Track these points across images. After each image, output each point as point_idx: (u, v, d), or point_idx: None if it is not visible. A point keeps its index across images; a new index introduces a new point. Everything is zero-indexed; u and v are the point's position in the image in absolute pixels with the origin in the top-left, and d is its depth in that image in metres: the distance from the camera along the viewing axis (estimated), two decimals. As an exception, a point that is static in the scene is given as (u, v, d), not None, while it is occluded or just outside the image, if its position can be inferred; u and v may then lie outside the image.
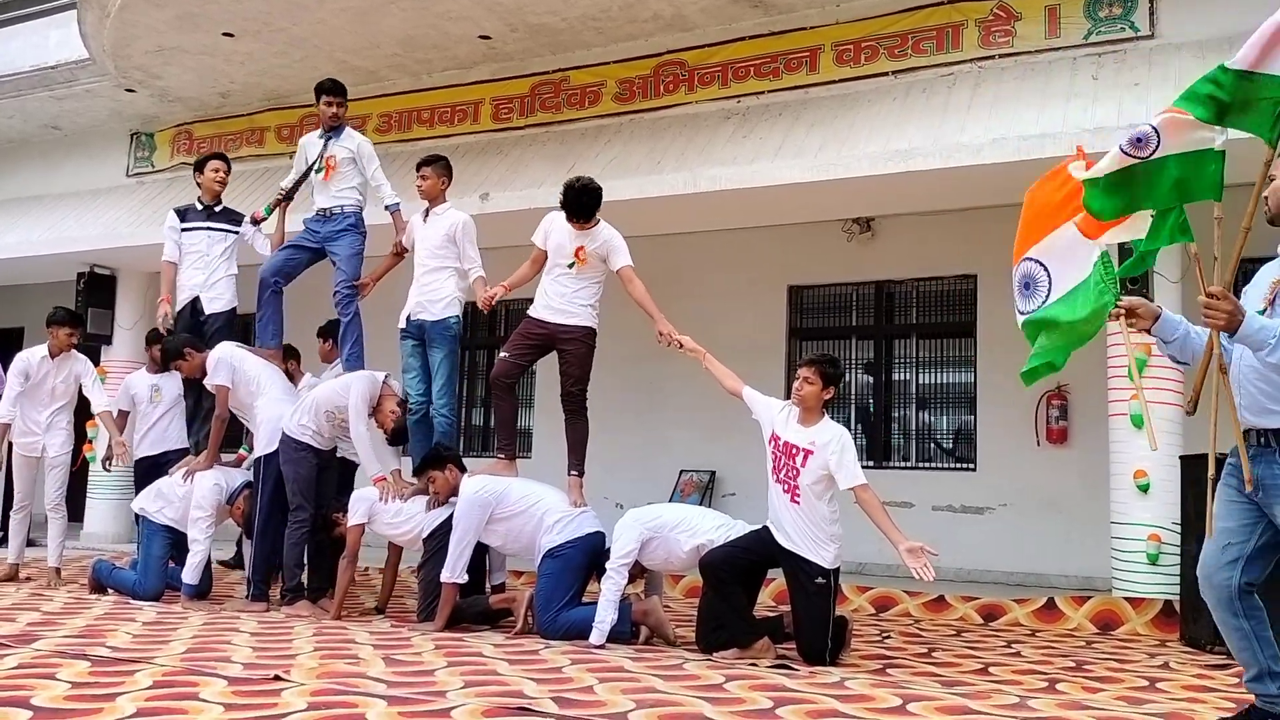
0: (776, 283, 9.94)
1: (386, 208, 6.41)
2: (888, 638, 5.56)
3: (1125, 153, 3.35)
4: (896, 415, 9.60)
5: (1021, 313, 3.98)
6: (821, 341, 9.94)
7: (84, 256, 10.30)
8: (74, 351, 6.87)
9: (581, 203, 5.36)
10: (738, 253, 9.70)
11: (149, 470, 6.65)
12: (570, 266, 5.43)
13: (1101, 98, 6.52)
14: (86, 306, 10.34)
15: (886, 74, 7.39)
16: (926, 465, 9.37)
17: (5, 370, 8.07)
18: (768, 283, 9.89)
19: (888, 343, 9.72)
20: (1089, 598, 6.46)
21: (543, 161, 8.31)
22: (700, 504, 9.71)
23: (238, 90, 9.67)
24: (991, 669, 4.63)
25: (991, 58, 7.11)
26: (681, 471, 10.00)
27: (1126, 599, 6.28)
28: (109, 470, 7.36)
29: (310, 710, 3.26)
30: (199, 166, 6.94)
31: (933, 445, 9.50)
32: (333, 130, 6.51)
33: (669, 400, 9.95)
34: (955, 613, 6.58)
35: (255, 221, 6.75)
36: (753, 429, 9.45)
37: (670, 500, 9.69)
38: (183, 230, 6.67)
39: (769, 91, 7.77)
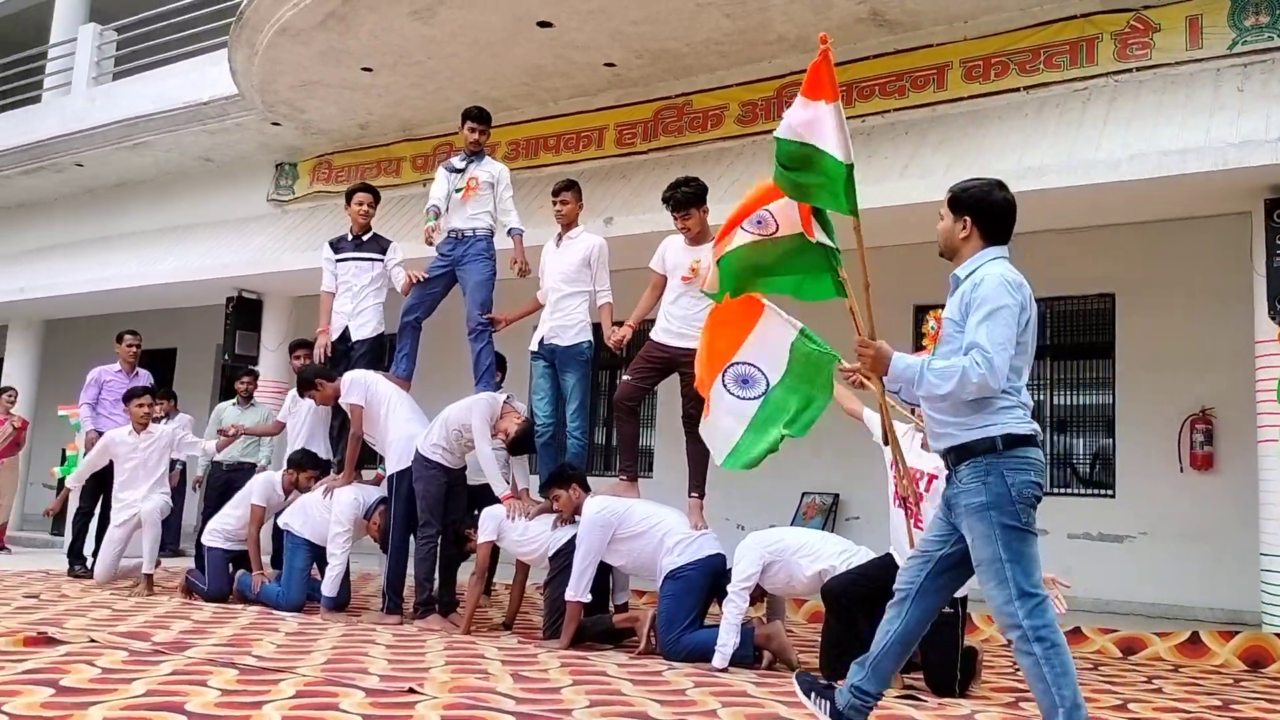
0: (902, 302, 9.79)
1: (510, 231, 6.57)
2: (1018, 670, 5.38)
3: (746, 230, 4.02)
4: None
5: (743, 398, 4.69)
6: (949, 362, 9.75)
7: (233, 282, 10.88)
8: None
9: (680, 194, 5.54)
10: (858, 273, 9.58)
11: None
12: (686, 282, 5.47)
13: (1247, 110, 6.24)
14: (235, 329, 10.94)
15: (1018, 90, 7.23)
16: (1062, 491, 9.06)
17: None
18: (891, 303, 9.71)
19: (1020, 363, 9.44)
20: (1237, 633, 6.14)
21: (666, 184, 8.37)
22: (823, 527, 9.64)
23: (375, 121, 10.09)
24: (1130, 705, 4.45)
25: (1129, 71, 6.89)
26: (804, 494, 9.92)
27: (1278, 635, 5.95)
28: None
29: (442, 724, 3.37)
30: (347, 198, 7.19)
31: (1069, 470, 9.18)
32: (474, 156, 6.71)
33: (792, 421, 9.89)
34: (1092, 645, 6.33)
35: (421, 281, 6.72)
36: (877, 452, 9.43)
37: (793, 524, 9.64)
38: (336, 261, 6.95)
39: (894, 110, 7.69)
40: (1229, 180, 6.20)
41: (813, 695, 3.46)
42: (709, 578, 5.19)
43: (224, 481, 8.25)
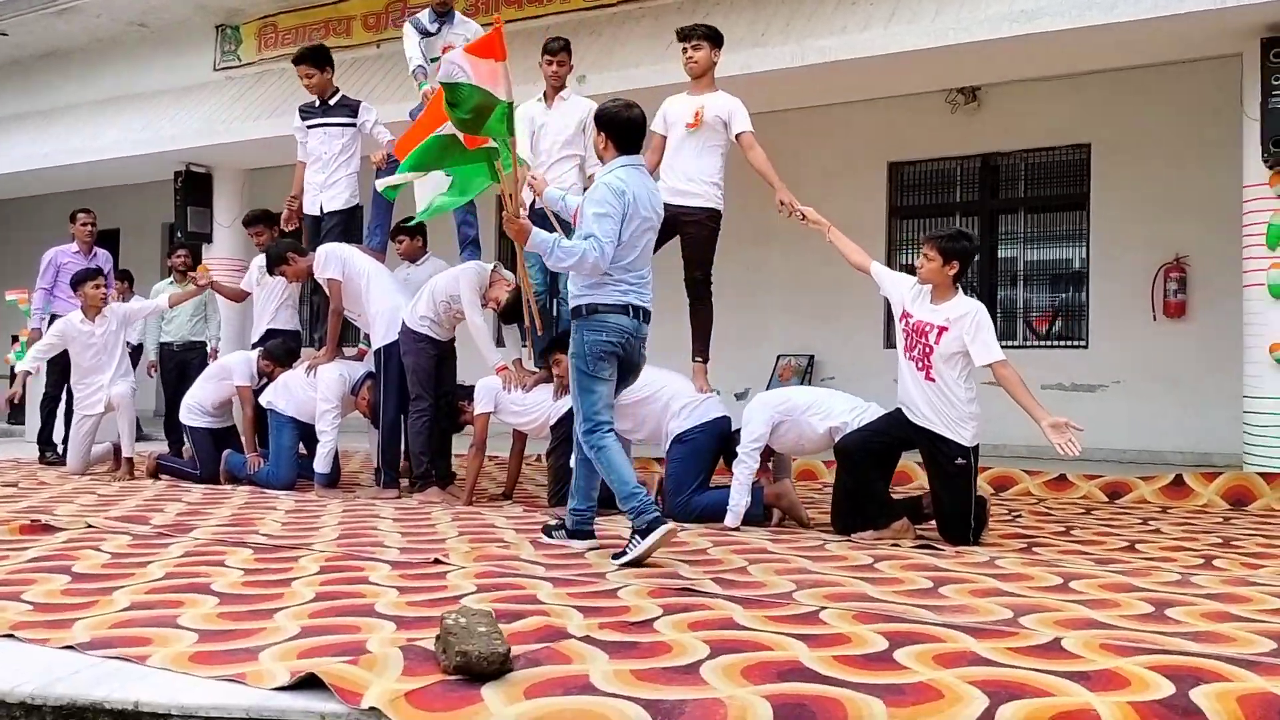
0: (876, 159, 9.65)
1: None
2: (1018, 516, 5.49)
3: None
4: (1003, 294, 9.35)
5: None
6: (924, 219, 9.70)
7: (179, 155, 10.37)
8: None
9: (693, 25, 5.50)
10: (834, 129, 9.41)
11: None
12: (690, 129, 5.29)
13: (1248, -56, 6.06)
14: (185, 205, 10.48)
15: (1005, -71, 6.94)
16: (1035, 345, 9.16)
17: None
18: (867, 160, 9.61)
19: (993, 218, 9.42)
20: (1219, 473, 6.30)
21: (639, 40, 8.06)
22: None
23: (322, -22, 9.49)
24: (1138, 546, 4.54)
25: (1120, -95, 6.63)
26: (779, 356, 9.93)
27: (1260, 474, 6.11)
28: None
29: (481, 591, 3.32)
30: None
31: (1044, 323, 9.26)
32: (443, 16, 6.33)
33: (765, 284, 9.83)
34: (1078, 491, 6.47)
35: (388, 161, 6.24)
36: (851, 312, 9.44)
37: (769, 385, 9.66)
38: (307, 129, 6.59)
39: (876, -46, 7.37)
40: (1222, 20, 6.06)
41: (551, 534, 4.36)
42: (715, 440, 5.17)
43: (177, 362, 7.98)
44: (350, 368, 6.14)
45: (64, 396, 7.82)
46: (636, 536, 3.87)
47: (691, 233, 5.30)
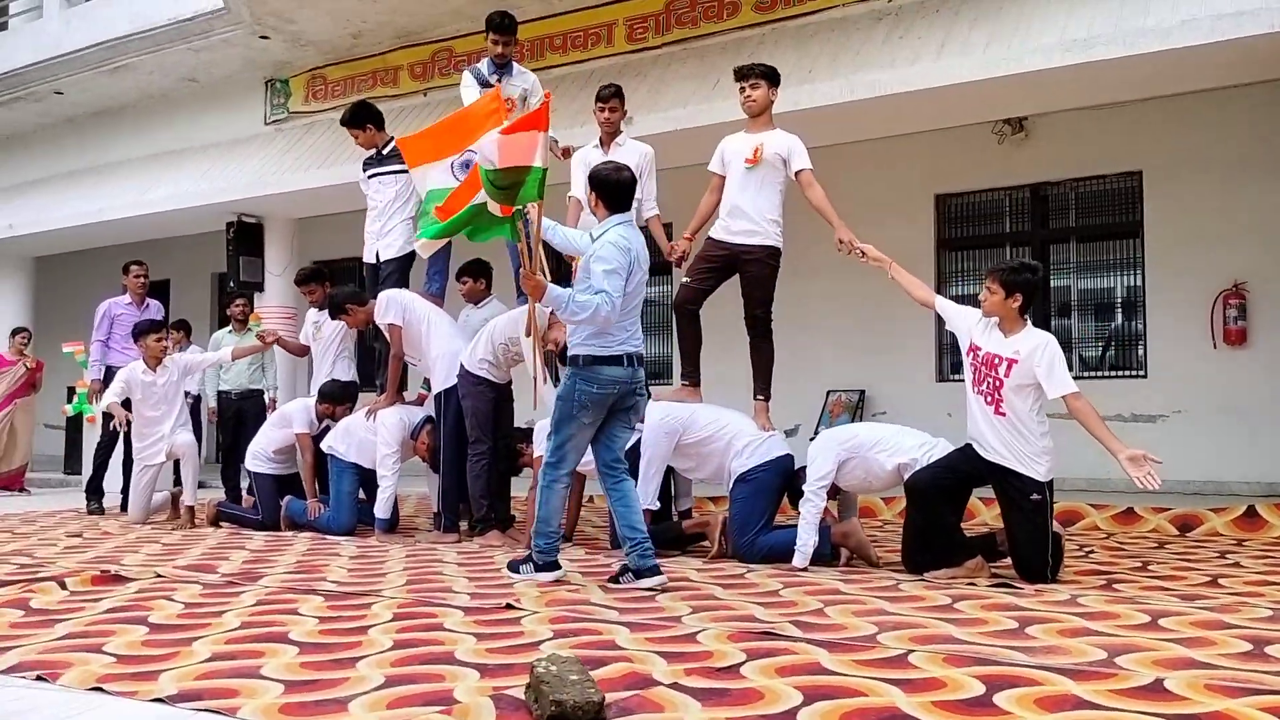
0: (923, 192, 9.60)
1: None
2: (1091, 552, 5.37)
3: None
4: (1056, 324, 9.23)
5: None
6: (974, 250, 9.63)
7: (231, 206, 10.53)
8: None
9: (752, 64, 5.50)
10: (880, 161, 9.37)
11: None
12: (749, 165, 5.29)
13: (1302, -32, 6.00)
14: (237, 255, 10.63)
15: (1052, -41, 6.92)
16: (1093, 375, 9.02)
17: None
18: (913, 192, 9.56)
19: (1044, 248, 9.32)
20: (1292, 504, 6.14)
21: (684, 81, 8.10)
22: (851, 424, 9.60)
23: (369, 30, 9.65)
24: (1221, 581, 4.42)
25: (1170, -67, 6.59)
26: (829, 392, 9.85)
27: (1335, 504, 5.95)
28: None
29: (559, 637, 3.28)
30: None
31: (1099, 353, 9.12)
32: (502, 67, 6.40)
33: (813, 318, 9.75)
34: (1147, 524, 6.33)
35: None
36: (900, 347, 9.35)
37: (819, 423, 9.58)
38: (368, 179, 6.69)
39: (923, -13, 7.37)
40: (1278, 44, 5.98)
41: (519, 570, 4.52)
42: (779, 479, 5.11)
43: (235, 411, 8.08)
44: (410, 412, 6.16)
45: (120, 446, 7.92)
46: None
47: (753, 271, 5.28)
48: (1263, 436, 7.90)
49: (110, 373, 7.93)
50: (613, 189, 4.44)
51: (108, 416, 7.57)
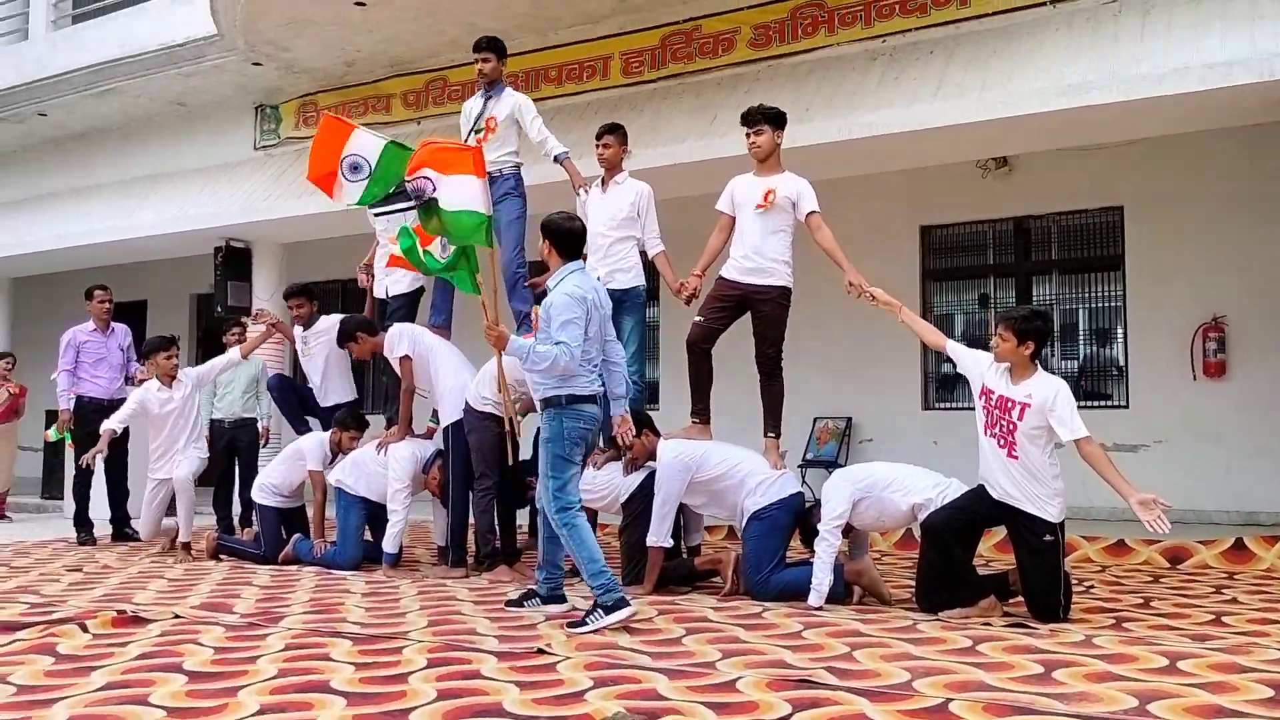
0: (908, 223, 9.76)
1: (556, 159, 6.29)
2: (1091, 587, 5.50)
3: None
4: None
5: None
6: (957, 281, 9.81)
7: (219, 232, 10.50)
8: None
9: (756, 108, 5.61)
10: (866, 193, 9.49)
11: None
12: (760, 210, 5.39)
13: (1288, 19, 6.21)
14: (225, 279, 10.58)
15: (1044, 4, 7.10)
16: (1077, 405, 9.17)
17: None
18: (899, 224, 9.72)
19: (1027, 280, 9.51)
20: (1278, 537, 6.31)
21: (683, 115, 8.20)
22: (838, 451, 9.71)
23: (363, 59, 9.68)
24: (1224, 619, 4.55)
25: (1159, -18, 6.80)
26: (816, 419, 9.95)
27: (1323, 538, 6.13)
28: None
29: (599, 686, 3.33)
30: None
31: (1081, 384, 9.31)
32: (490, 90, 6.47)
33: (802, 346, 9.78)
34: (1138, 556, 6.49)
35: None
36: (887, 374, 9.48)
37: (806, 450, 9.69)
38: (375, 217, 6.72)
39: (916, 29, 7.52)
40: (1272, 91, 6.19)
41: (523, 605, 4.76)
42: (792, 516, 5.19)
43: (228, 439, 7.96)
44: (421, 446, 6.17)
45: (100, 473, 7.84)
46: (599, 610, 4.29)
47: (765, 311, 5.38)
48: (1241, 467, 8.11)
49: (80, 402, 7.87)
50: (565, 236, 4.66)
51: (80, 447, 7.49)
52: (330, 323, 6.84)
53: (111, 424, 6.87)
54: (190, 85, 10.59)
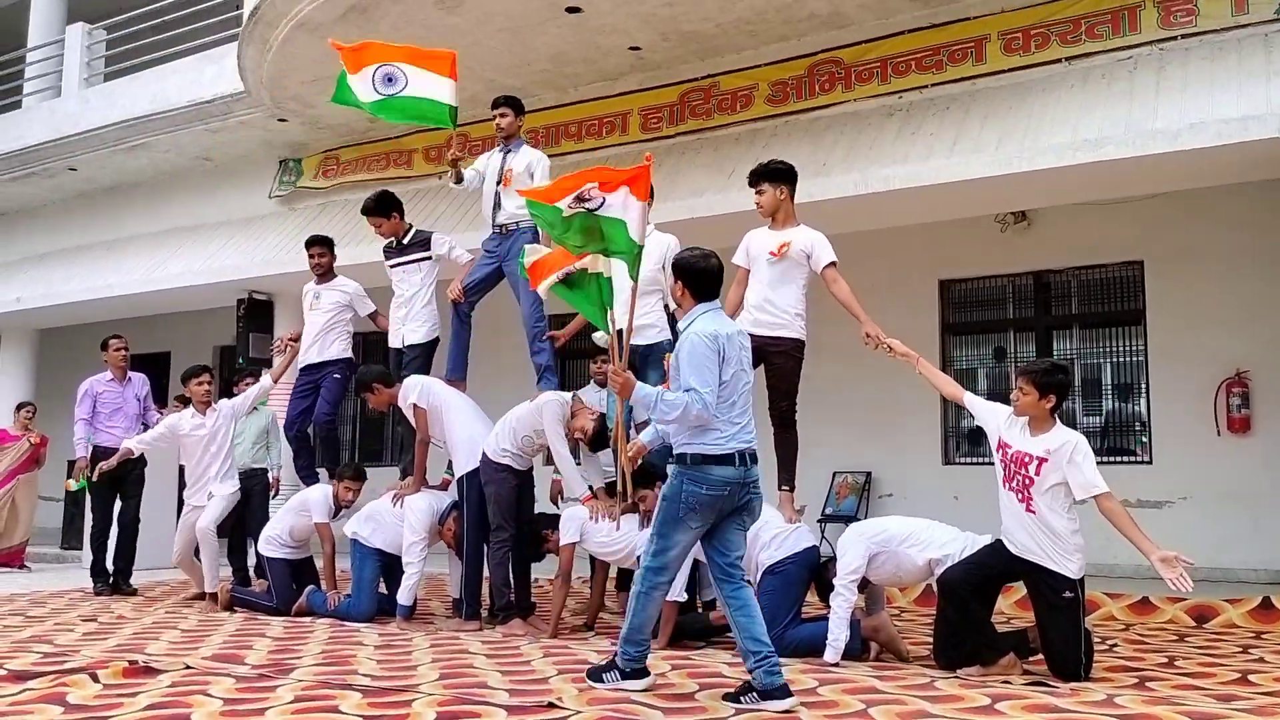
0: (927, 277, 9.76)
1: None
2: (1114, 645, 5.40)
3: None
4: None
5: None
6: (977, 335, 9.77)
7: (243, 284, 10.63)
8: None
9: (757, 167, 5.58)
10: (886, 247, 9.52)
11: None
12: (774, 257, 5.40)
13: (1305, 74, 6.24)
14: (247, 331, 10.69)
15: (1059, 61, 7.17)
16: (1099, 461, 9.06)
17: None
18: (917, 278, 9.72)
19: (1047, 334, 9.47)
20: (1308, 595, 6.19)
21: (699, 170, 8.28)
22: (857, 506, 9.63)
23: (386, 114, 9.84)
24: (1250, 678, 4.45)
25: (1174, 39, 6.83)
26: (835, 474, 9.89)
27: (1352, 595, 6.01)
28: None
29: (610, 743, 3.28)
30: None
31: (1103, 439, 9.22)
32: (508, 144, 6.55)
33: (821, 399, 9.79)
34: (1163, 615, 6.36)
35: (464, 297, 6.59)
36: (906, 429, 9.41)
37: (825, 505, 9.61)
38: (390, 268, 6.80)
39: (933, 85, 7.60)
40: (1286, 146, 6.19)
41: (602, 678, 4.19)
42: (807, 571, 5.14)
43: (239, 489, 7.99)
44: (437, 498, 6.17)
45: (115, 524, 7.94)
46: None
47: (779, 363, 5.37)
48: (1267, 524, 7.98)
49: (97, 451, 7.92)
50: (700, 275, 4.17)
51: (97, 495, 7.70)
52: (352, 286, 7.09)
53: (132, 443, 6.96)
54: (217, 140, 10.81)
